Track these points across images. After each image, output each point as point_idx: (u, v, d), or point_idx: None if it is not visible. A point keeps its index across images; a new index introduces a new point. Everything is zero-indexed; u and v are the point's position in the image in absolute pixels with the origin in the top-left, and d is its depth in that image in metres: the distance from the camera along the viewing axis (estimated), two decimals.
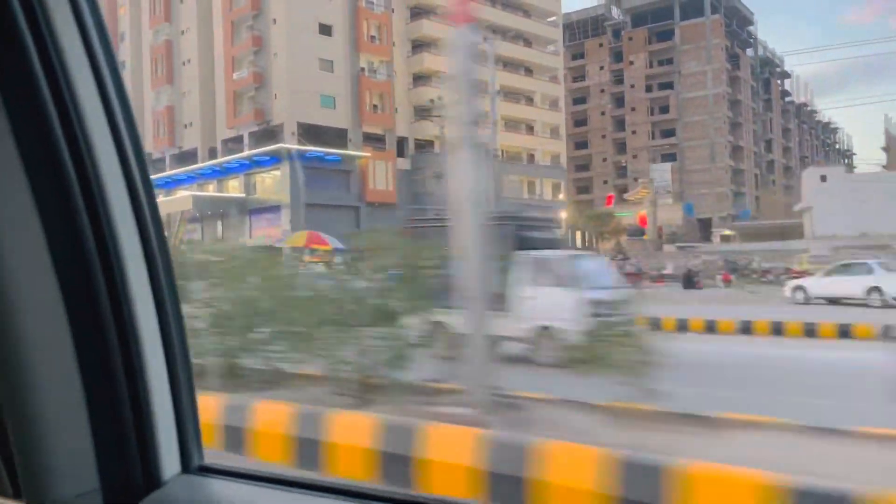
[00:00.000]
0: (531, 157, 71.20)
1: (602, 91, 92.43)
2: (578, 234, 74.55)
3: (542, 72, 71.98)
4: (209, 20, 61.80)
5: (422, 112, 62.80)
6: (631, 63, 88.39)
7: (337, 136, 55.98)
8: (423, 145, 63.10)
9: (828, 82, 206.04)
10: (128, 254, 1.13)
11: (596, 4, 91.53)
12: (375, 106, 58.76)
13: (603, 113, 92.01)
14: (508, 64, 68.18)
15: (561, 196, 73.32)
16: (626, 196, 77.07)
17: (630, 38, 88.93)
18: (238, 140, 59.18)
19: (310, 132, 54.83)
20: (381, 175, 58.67)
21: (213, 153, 62.61)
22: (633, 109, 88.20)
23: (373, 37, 58.64)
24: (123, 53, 73.30)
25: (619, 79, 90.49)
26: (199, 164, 61.60)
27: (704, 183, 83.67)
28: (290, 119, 54.20)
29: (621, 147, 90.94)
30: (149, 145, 69.37)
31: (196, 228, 64.04)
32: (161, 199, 61.87)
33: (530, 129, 70.99)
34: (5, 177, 1.04)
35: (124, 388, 1.11)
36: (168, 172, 65.30)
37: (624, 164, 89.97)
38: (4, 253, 1.04)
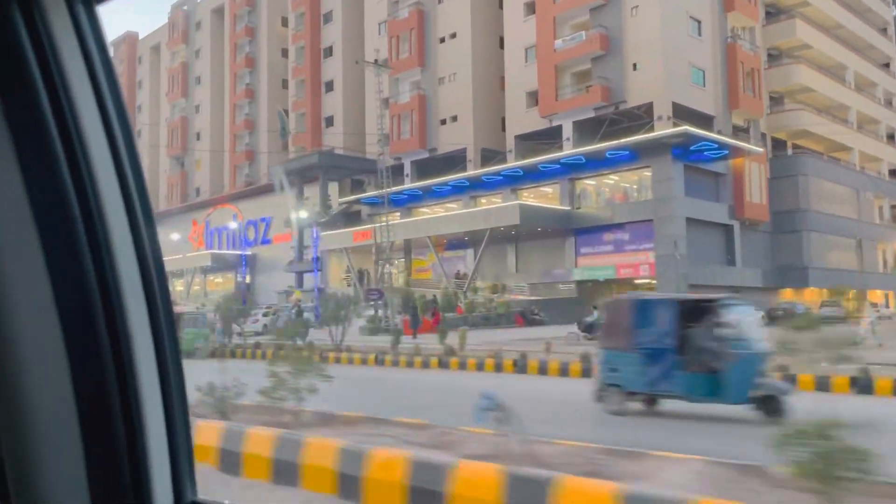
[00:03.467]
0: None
1: None
2: None
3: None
4: None
5: (779, 100, 46.46)
6: None
7: (700, 125, 39.51)
8: (778, 144, 46.64)
9: None
10: (128, 292, 1.13)
11: None
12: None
13: None
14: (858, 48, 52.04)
15: None
16: None
17: None
18: (547, 133, 42.88)
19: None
20: (754, 182, 42.01)
21: (488, 156, 46.44)
22: None
23: None
24: (330, 36, 58.02)
25: None
26: (480, 170, 45.28)
27: None
28: (663, 98, 37.87)
29: None
30: (372, 149, 53.32)
31: (464, 255, 47.58)
32: (459, 207, 45.30)
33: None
34: (7, 212, 1.06)
35: (120, 422, 1.12)
36: (413, 184, 49.12)
37: None
38: (5, 283, 1.06)
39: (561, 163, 40.52)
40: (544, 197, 43.75)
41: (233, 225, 58.69)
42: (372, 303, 33.05)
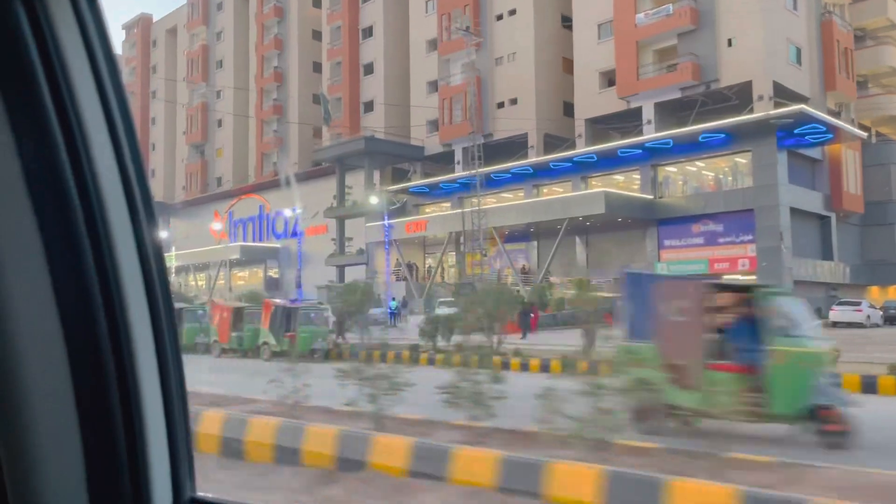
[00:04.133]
0: None
1: None
2: None
3: None
4: None
5: (863, 84, 43.29)
6: None
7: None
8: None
9: None
10: (128, 287, 1.14)
11: None
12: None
13: None
14: None
15: None
16: None
17: None
18: (623, 116, 39.56)
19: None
20: (850, 170, 38.87)
21: (550, 142, 43.14)
22: None
23: None
24: (370, 16, 54.48)
25: None
26: (545, 156, 41.92)
27: None
28: (763, 76, 34.63)
29: None
30: (417, 134, 49.95)
31: (525, 248, 44.20)
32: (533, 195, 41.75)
33: None
34: (7, 203, 1.07)
35: (119, 418, 1.13)
36: (467, 172, 45.59)
37: None
38: (4, 276, 1.06)
39: (644, 147, 37.16)
40: (615, 185, 40.40)
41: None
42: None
